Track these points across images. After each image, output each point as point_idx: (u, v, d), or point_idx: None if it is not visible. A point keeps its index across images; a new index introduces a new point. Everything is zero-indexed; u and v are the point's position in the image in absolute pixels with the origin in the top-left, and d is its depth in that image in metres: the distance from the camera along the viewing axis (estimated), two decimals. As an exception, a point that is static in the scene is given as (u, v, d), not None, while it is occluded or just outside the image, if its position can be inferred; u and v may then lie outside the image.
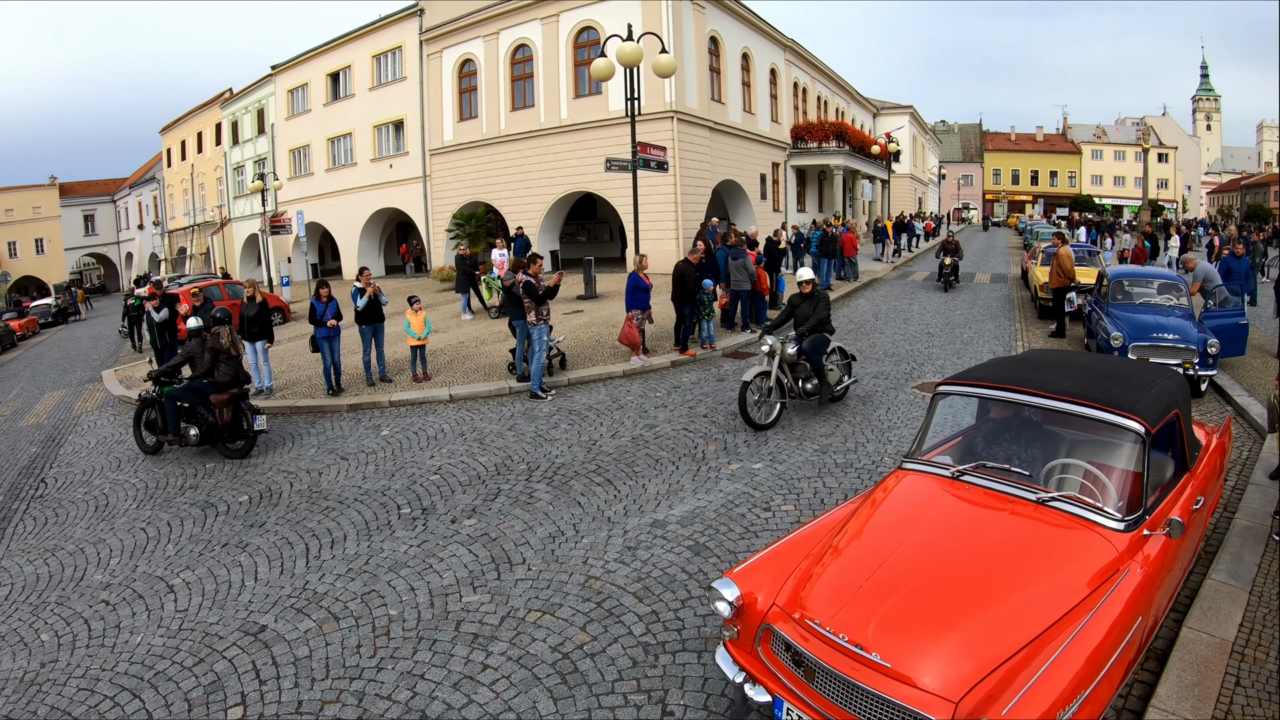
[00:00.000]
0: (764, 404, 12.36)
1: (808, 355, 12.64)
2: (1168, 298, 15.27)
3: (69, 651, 7.35)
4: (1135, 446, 5.61)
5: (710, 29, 37.59)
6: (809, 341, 12.71)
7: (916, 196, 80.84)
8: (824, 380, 12.79)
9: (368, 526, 9.52)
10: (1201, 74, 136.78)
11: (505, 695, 6.03)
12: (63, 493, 12.19)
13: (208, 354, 13.05)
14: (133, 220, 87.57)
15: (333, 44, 47.98)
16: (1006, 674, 4.23)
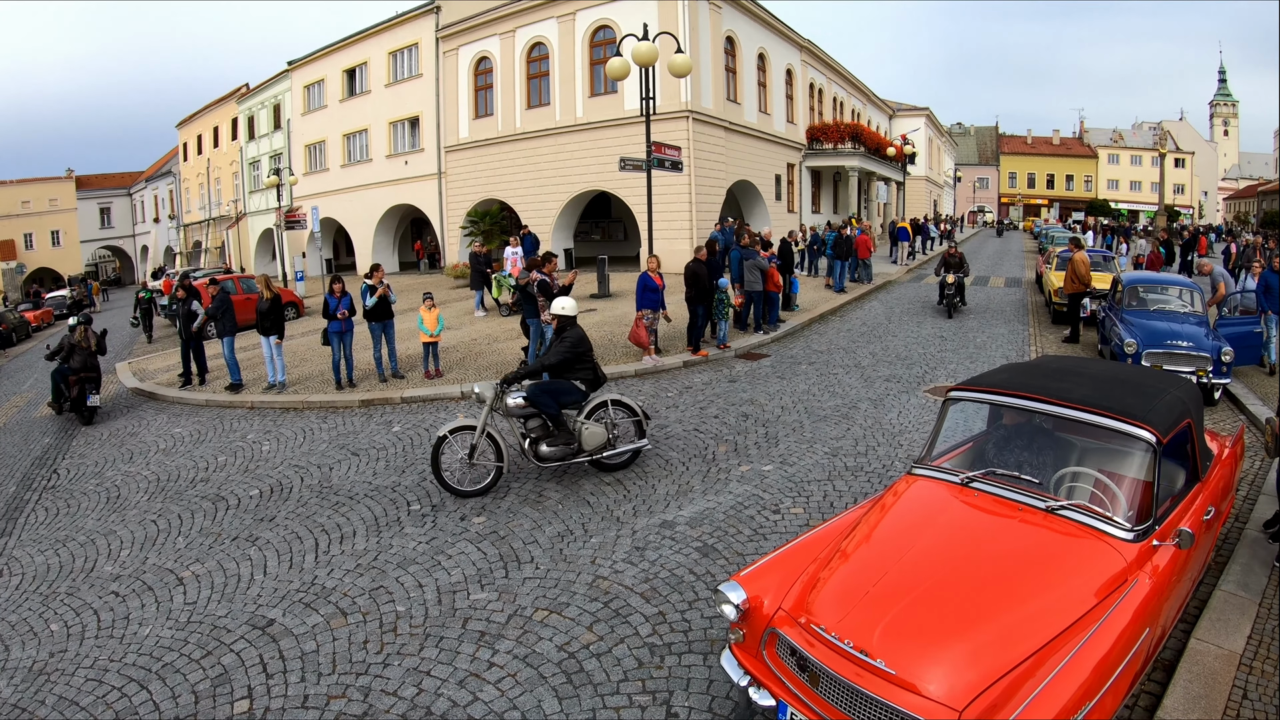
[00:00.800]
0: (471, 467, 10.23)
1: (536, 403, 10.19)
2: (1182, 304, 15.22)
3: (78, 642, 7.38)
4: (1146, 456, 5.60)
5: (727, 29, 37.57)
6: (538, 386, 10.39)
7: (932, 199, 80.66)
8: (566, 434, 10.22)
9: (377, 522, 9.53)
10: (1219, 79, 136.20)
11: (511, 693, 6.03)
12: (74, 484, 12.24)
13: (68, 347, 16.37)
14: (148, 214, 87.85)
15: (349, 40, 48.08)
16: (1012, 683, 4.22)
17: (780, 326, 20.30)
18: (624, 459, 10.69)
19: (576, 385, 10.49)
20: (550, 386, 10.40)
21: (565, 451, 10.24)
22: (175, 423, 15.42)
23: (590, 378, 10.62)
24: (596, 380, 10.70)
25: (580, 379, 10.55)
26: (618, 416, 10.58)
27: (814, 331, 20.83)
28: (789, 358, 17.55)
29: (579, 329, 10.72)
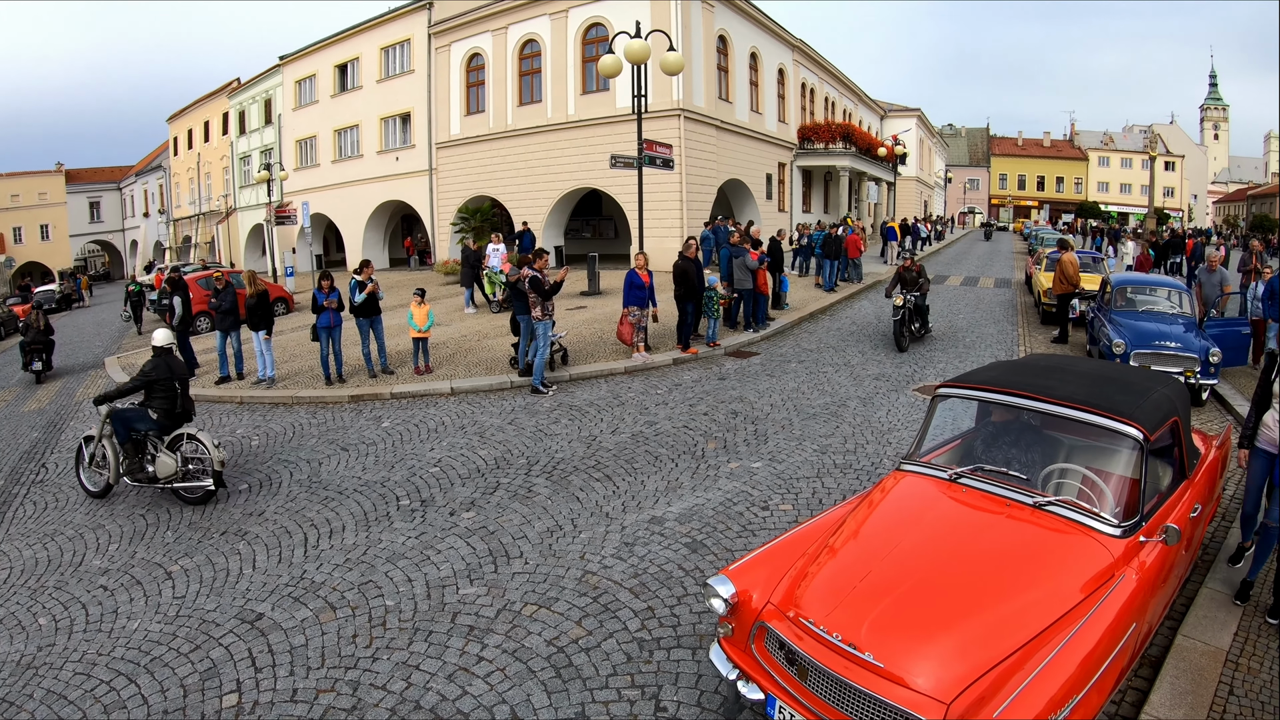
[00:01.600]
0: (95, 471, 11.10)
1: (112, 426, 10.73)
2: (1171, 306, 15.28)
3: (66, 636, 7.37)
4: (1133, 453, 5.63)
5: (719, 28, 37.59)
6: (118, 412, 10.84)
7: (922, 199, 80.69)
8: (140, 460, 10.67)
9: (366, 517, 9.53)
10: (1210, 83, 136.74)
11: (499, 688, 6.04)
12: (63, 478, 12.19)
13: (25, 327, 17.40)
14: (138, 208, 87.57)
15: (341, 35, 47.94)
16: (999, 677, 4.26)
17: (770, 325, 20.32)
18: (198, 495, 10.47)
19: (149, 414, 10.71)
20: (125, 413, 10.80)
21: (141, 476, 10.60)
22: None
23: (166, 408, 10.75)
24: (173, 412, 10.81)
25: (156, 409, 10.70)
26: (200, 452, 10.43)
27: (804, 330, 20.86)
28: (779, 355, 17.58)
29: (159, 360, 10.82)
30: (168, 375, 10.76)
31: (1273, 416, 7.01)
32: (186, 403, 11.04)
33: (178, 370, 11.01)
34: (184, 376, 11.16)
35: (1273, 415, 7.01)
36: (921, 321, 18.95)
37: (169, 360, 10.94)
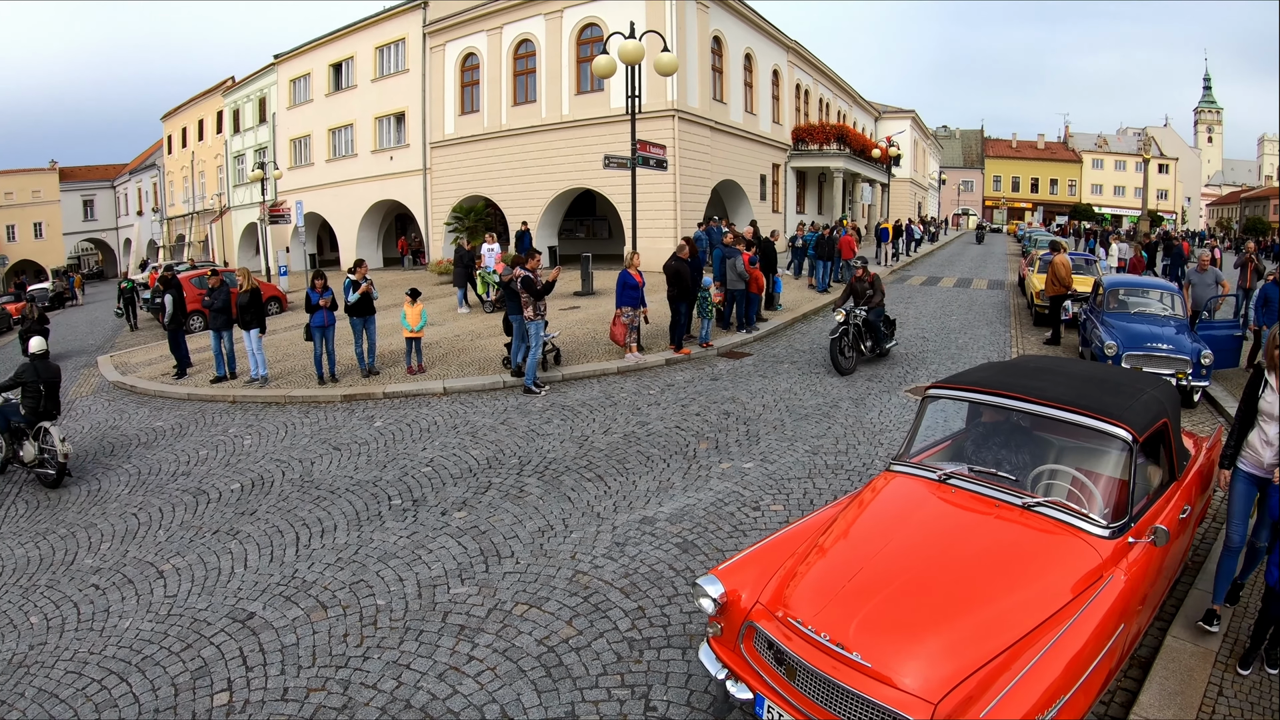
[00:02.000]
0: None
1: None
2: (1163, 308, 15.32)
3: (58, 634, 7.38)
4: (1122, 454, 5.64)
5: (714, 28, 37.62)
6: None
7: (916, 201, 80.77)
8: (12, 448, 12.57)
9: (358, 517, 9.54)
10: (1204, 86, 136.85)
11: (490, 687, 6.05)
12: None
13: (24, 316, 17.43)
14: (132, 206, 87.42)
15: (336, 34, 47.91)
16: (986, 677, 4.26)
17: (762, 326, 20.34)
18: (50, 480, 11.83)
19: (20, 409, 12.27)
20: (4, 408, 12.46)
21: (15, 460, 12.36)
22: (157, 416, 15.37)
23: (32, 405, 12.21)
24: (37, 409, 12.22)
25: (25, 405, 12.21)
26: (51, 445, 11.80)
27: (796, 331, 20.88)
28: (771, 356, 17.60)
29: (31, 364, 12.47)
30: (34, 379, 12.25)
31: (1258, 436, 6.48)
32: (50, 403, 12.48)
33: (45, 374, 12.44)
34: (51, 380, 12.57)
35: (1258, 435, 6.48)
36: (875, 339, 16.53)
37: (39, 365, 12.45)
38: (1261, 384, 6.50)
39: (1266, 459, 6.42)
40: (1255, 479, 6.53)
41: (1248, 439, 6.58)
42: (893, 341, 17.39)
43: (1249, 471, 6.56)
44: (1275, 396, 6.34)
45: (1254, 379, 6.60)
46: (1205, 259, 17.50)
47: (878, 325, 16.53)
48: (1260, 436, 6.46)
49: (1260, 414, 6.47)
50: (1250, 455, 6.55)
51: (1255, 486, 6.56)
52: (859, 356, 16.34)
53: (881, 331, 16.74)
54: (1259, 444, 6.47)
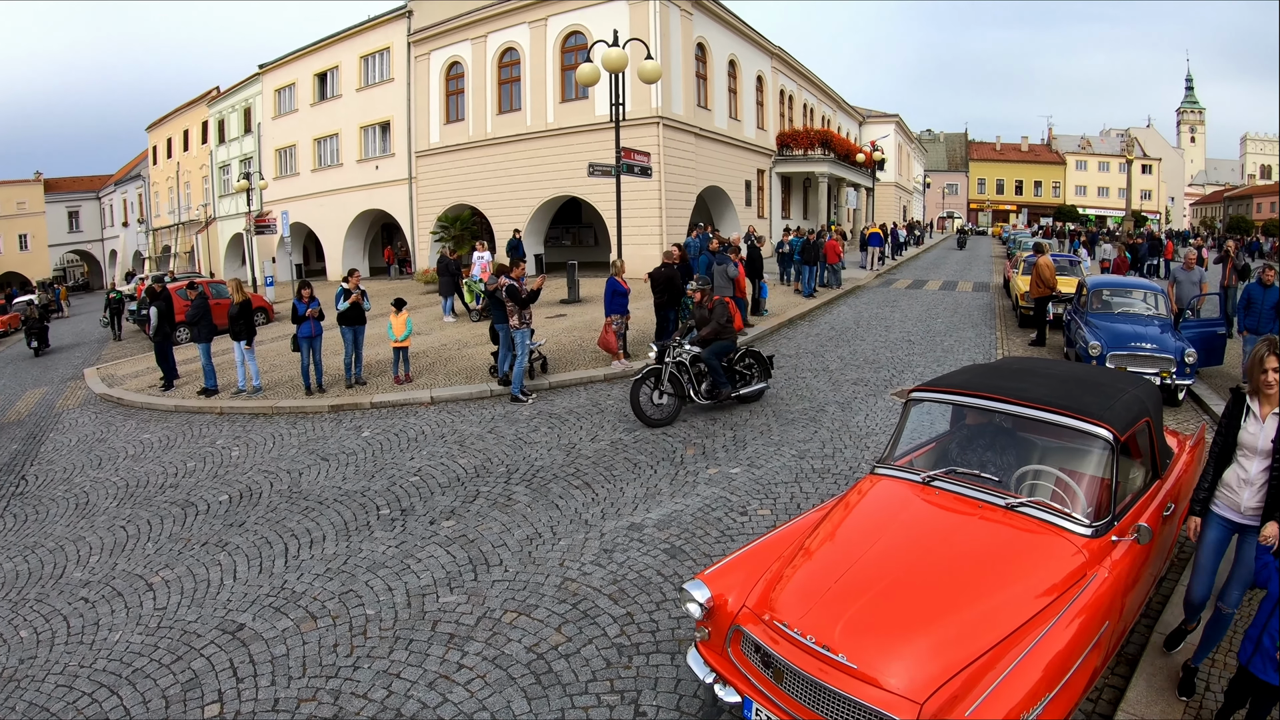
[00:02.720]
0: None
1: None
2: (1146, 307, 15.41)
3: (48, 648, 7.36)
4: (1104, 453, 5.69)
5: (698, 35, 37.71)
6: None
7: (901, 205, 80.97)
8: None
9: (347, 527, 9.55)
10: (1186, 86, 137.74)
11: (480, 695, 6.07)
12: (43, 490, 12.18)
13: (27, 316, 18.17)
14: (117, 218, 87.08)
15: (321, 44, 47.93)
16: (972, 676, 4.30)
17: (749, 331, 20.38)
18: None
19: None
20: None
21: None
22: (144, 428, 15.34)
23: None
24: None
25: None
26: None
27: (782, 336, 20.93)
28: (759, 362, 17.62)
29: None
30: None
31: (1236, 474, 5.66)
32: None
33: None
34: None
35: (1236, 472, 5.66)
36: (713, 382, 13.50)
37: None
38: (1243, 412, 5.66)
39: (1245, 501, 5.63)
40: (1229, 525, 5.77)
41: (1223, 477, 5.76)
42: (759, 384, 14.20)
43: (1223, 516, 5.76)
44: (1259, 427, 5.52)
45: (1232, 406, 5.77)
46: (1191, 257, 17.60)
47: (715, 363, 13.41)
48: (1238, 474, 5.65)
49: (1240, 448, 5.65)
50: (1225, 497, 5.74)
51: (1228, 535, 5.82)
52: (684, 404, 13.40)
53: (735, 371, 13.92)
54: (1236, 483, 5.67)
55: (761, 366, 14.23)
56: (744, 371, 14.02)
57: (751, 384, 14.03)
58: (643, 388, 13.08)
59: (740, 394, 13.82)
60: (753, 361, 14.20)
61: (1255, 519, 5.53)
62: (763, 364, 14.26)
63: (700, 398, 13.37)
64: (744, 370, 14.02)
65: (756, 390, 14.08)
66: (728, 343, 13.64)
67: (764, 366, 14.26)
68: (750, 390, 13.97)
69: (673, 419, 13.09)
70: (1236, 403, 5.73)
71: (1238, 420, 5.67)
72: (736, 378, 13.87)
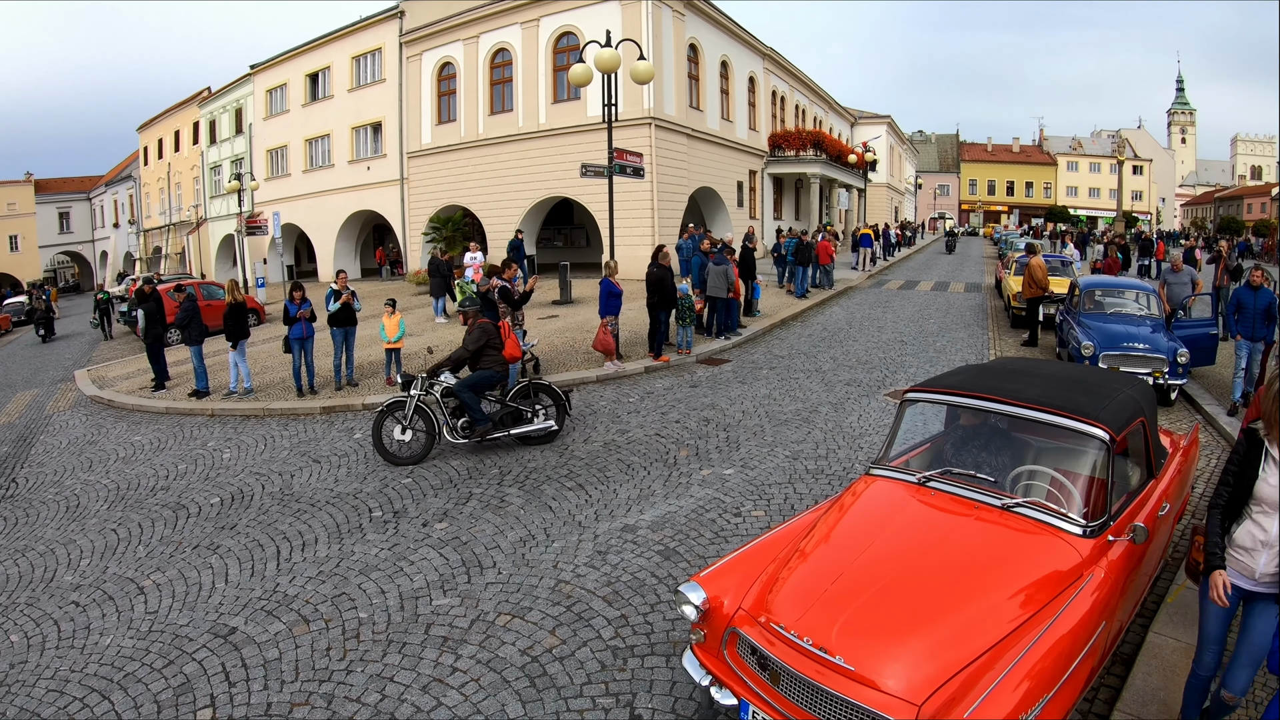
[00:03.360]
0: None
1: None
2: (1139, 308, 15.44)
3: (38, 653, 7.30)
4: (1099, 454, 5.68)
5: (690, 36, 37.68)
6: None
7: (893, 206, 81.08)
8: None
9: (339, 529, 9.51)
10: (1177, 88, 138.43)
11: (474, 698, 6.04)
12: (33, 493, 12.11)
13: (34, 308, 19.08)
14: (108, 219, 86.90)
15: (312, 44, 47.80)
16: (969, 677, 4.28)
17: (742, 332, 20.39)
18: None
19: None
20: None
21: None
22: (135, 430, 15.29)
23: None
24: None
25: None
26: None
27: (775, 337, 20.94)
28: (750, 363, 17.64)
29: None
30: None
31: (1251, 532, 4.76)
32: None
33: None
34: None
35: (1251, 531, 4.76)
36: (472, 419, 11.95)
37: None
38: (1262, 457, 4.74)
39: (1261, 567, 4.74)
40: (1237, 591, 4.84)
41: (1232, 535, 4.86)
42: (543, 423, 12.35)
43: (1232, 581, 4.82)
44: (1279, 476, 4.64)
45: (1246, 451, 4.84)
46: (1178, 261, 17.63)
47: (468, 396, 11.84)
48: (1254, 533, 4.76)
49: (1256, 501, 4.75)
50: (1235, 560, 4.85)
51: (1236, 601, 4.87)
52: (435, 441, 12.13)
53: (513, 407, 12.34)
54: (1251, 543, 4.76)
55: (556, 404, 12.59)
56: (522, 408, 12.30)
57: (532, 423, 12.27)
58: (386, 421, 12.07)
59: (515, 434, 12.20)
60: (548, 398, 12.60)
61: (1272, 587, 4.71)
62: (558, 401, 12.59)
63: (455, 434, 11.95)
64: (522, 407, 12.30)
65: (540, 430, 12.29)
66: (489, 373, 12.14)
67: (559, 404, 12.60)
68: (530, 430, 12.23)
69: (422, 457, 11.91)
70: (1252, 447, 4.81)
71: (1253, 468, 4.75)
72: (517, 415, 12.31)
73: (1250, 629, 4.79)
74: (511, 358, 12.57)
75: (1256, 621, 4.76)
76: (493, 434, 12.03)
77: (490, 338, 12.20)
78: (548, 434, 12.39)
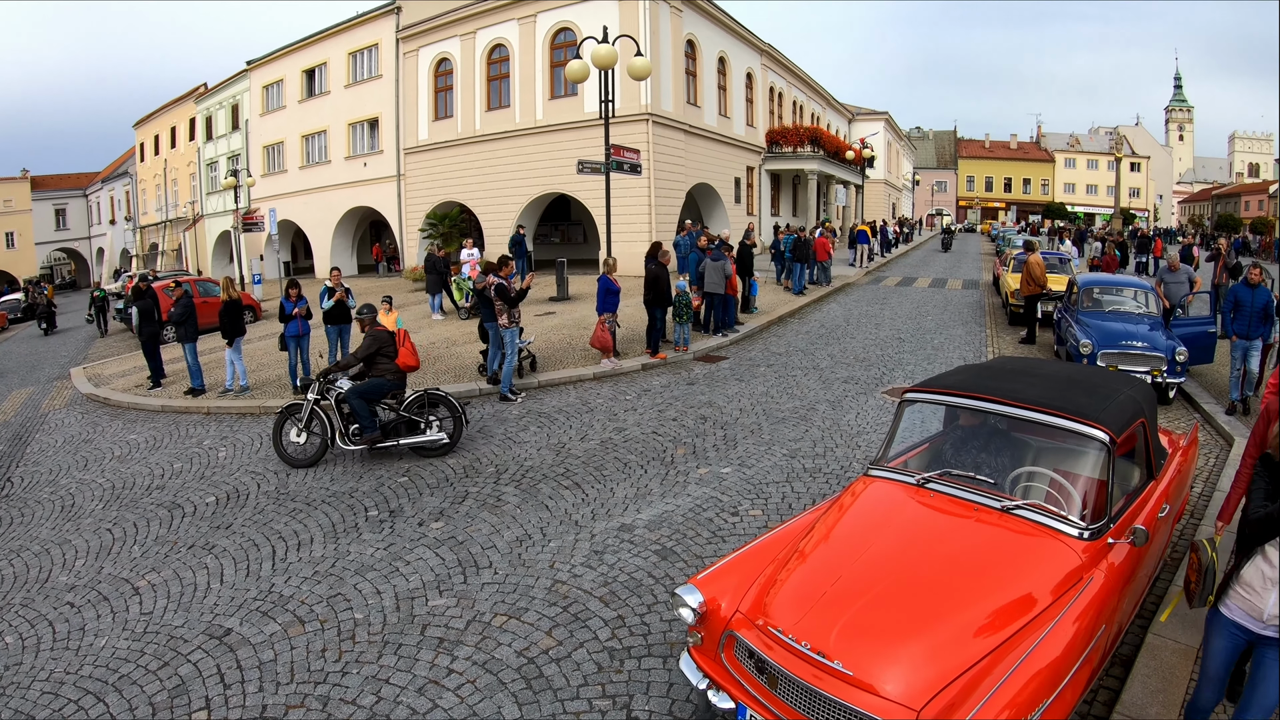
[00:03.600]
0: None
1: None
2: (1137, 306, 15.42)
3: (33, 654, 7.27)
4: (1100, 455, 5.65)
5: (687, 32, 37.64)
6: None
7: (891, 202, 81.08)
8: None
9: (334, 529, 9.48)
10: (1175, 85, 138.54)
11: (470, 700, 6.01)
12: (29, 492, 12.07)
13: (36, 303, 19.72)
14: (104, 215, 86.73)
15: (309, 40, 47.69)
16: (969, 682, 4.26)
17: (739, 329, 20.36)
18: None
19: None
20: None
21: None
22: (130, 429, 15.24)
23: None
24: None
25: None
26: None
27: (772, 334, 20.91)
28: (747, 360, 17.62)
29: None
30: None
31: (1261, 570, 4.48)
32: None
33: None
34: None
35: (1261, 569, 4.49)
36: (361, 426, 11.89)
37: None
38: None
39: (1269, 609, 4.47)
40: (1243, 634, 4.63)
41: (1240, 573, 4.61)
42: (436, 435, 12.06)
43: (1237, 623, 4.62)
44: None
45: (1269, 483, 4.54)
46: (1175, 260, 17.62)
47: (358, 403, 11.84)
48: (1264, 571, 4.49)
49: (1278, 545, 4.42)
50: (1242, 598, 4.59)
51: (1243, 643, 4.67)
52: (328, 446, 12.17)
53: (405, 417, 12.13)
54: (1261, 583, 4.50)
55: (454, 416, 12.22)
56: (416, 419, 12.04)
57: (424, 434, 12.01)
58: (286, 422, 12.32)
59: (405, 444, 12.02)
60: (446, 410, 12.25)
61: None
62: (454, 414, 12.21)
63: (347, 441, 11.91)
64: (416, 418, 12.04)
65: (430, 442, 12.04)
66: (380, 381, 12.12)
67: (456, 417, 12.21)
68: (421, 441, 12.00)
69: (315, 461, 12.02)
70: (1273, 475, 4.55)
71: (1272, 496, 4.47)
72: (412, 424, 12.08)
73: (1261, 680, 4.49)
74: (406, 366, 12.45)
75: (1267, 670, 4.46)
76: (383, 442, 11.93)
77: (382, 345, 12.22)
78: (441, 446, 12.11)
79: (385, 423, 12.05)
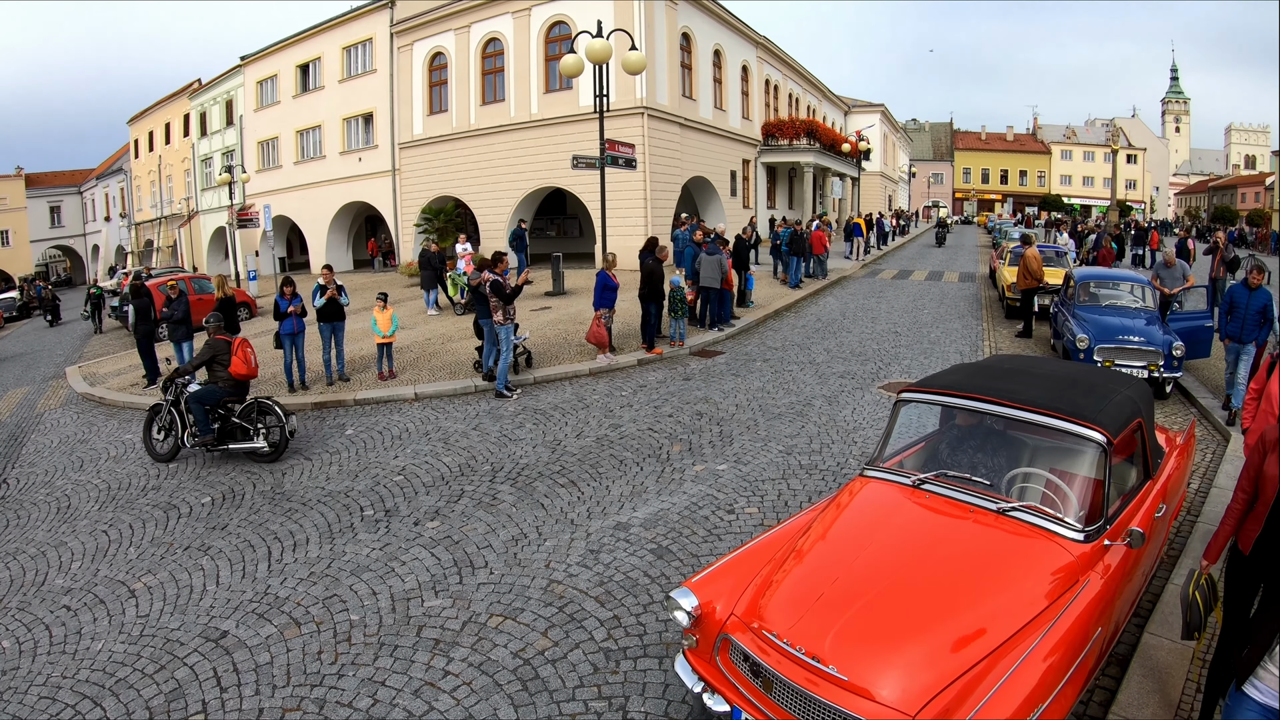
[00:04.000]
0: None
1: None
2: (1134, 300, 15.41)
3: (30, 658, 7.25)
4: (1096, 456, 5.64)
5: (682, 25, 37.62)
6: None
7: (887, 194, 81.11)
8: None
9: (330, 529, 9.46)
10: (1171, 77, 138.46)
11: (466, 702, 6.00)
12: (24, 494, 12.03)
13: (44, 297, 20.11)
14: (99, 212, 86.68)
15: (303, 35, 47.61)
16: (965, 686, 4.25)
17: (735, 323, 20.34)
18: None
19: None
20: None
21: None
22: (126, 429, 15.20)
23: None
24: None
25: None
26: None
27: (768, 328, 20.89)
28: (744, 355, 17.60)
29: None
30: None
31: None
32: None
33: None
34: None
35: None
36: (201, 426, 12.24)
37: None
38: None
39: None
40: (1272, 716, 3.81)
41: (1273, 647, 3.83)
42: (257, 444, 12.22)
43: (1264, 703, 3.83)
44: None
45: None
46: (1171, 256, 17.58)
47: (195, 407, 12.24)
48: None
49: None
50: (1272, 677, 3.79)
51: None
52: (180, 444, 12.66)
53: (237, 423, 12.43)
54: None
55: (280, 427, 12.19)
56: (244, 425, 12.29)
57: (244, 441, 12.28)
58: (155, 419, 13.07)
59: (232, 448, 12.30)
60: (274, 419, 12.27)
61: None
62: (280, 425, 12.19)
63: (187, 441, 12.42)
64: (244, 424, 12.29)
65: (249, 449, 12.22)
66: (214, 388, 12.44)
67: (281, 428, 12.18)
68: (241, 448, 12.25)
69: (170, 456, 12.70)
70: None
71: None
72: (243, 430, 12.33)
73: None
74: (237, 374, 12.69)
75: None
76: (215, 446, 12.37)
77: (216, 354, 12.64)
78: (260, 454, 12.23)
79: (222, 427, 12.46)
